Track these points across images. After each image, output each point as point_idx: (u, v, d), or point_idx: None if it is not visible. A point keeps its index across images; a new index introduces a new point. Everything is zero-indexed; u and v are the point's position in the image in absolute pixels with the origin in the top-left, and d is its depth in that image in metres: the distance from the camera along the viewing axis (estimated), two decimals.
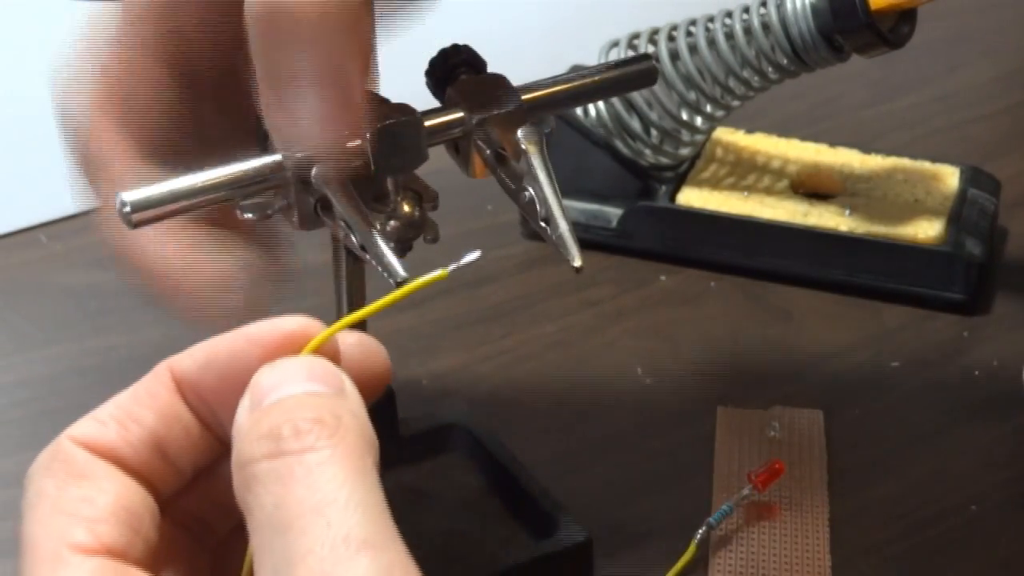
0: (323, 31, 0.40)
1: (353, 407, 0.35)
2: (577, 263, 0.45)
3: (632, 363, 0.68)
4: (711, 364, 0.68)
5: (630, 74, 0.52)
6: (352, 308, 0.54)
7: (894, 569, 0.57)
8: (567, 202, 0.48)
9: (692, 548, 0.56)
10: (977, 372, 0.67)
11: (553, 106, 0.50)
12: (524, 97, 0.48)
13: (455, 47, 0.49)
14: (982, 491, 0.61)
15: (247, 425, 0.34)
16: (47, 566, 0.33)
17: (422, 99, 0.48)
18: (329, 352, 0.36)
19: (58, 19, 0.90)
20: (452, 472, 0.59)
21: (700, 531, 0.56)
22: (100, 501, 0.34)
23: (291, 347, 0.36)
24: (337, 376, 0.35)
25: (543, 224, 0.46)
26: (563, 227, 0.46)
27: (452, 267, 0.37)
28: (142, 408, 0.36)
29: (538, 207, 0.46)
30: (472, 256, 0.38)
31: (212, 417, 0.37)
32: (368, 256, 0.43)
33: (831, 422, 0.63)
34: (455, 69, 0.49)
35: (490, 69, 0.50)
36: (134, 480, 0.36)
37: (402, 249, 0.47)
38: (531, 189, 0.47)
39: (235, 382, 0.36)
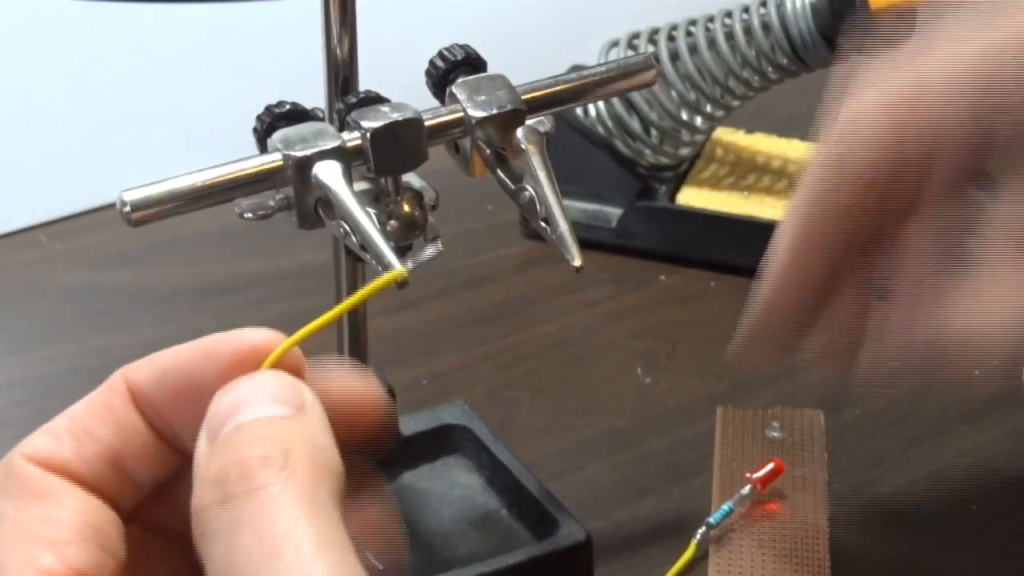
0: None
1: (309, 429, 0.32)
2: (577, 262, 0.45)
3: (632, 363, 0.68)
4: (711, 364, 0.68)
5: (630, 74, 0.52)
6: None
7: (894, 569, 0.57)
8: (567, 202, 0.48)
9: (692, 548, 0.56)
10: (977, 372, 0.67)
11: (553, 106, 0.50)
12: (524, 97, 0.48)
13: (455, 47, 0.49)
14: (982, 491, 0.60)
15: (203, 466, 0.32)
16: None
17: (422, 99, 0.48)
18: (291, 365, 0.34)
19: (58, 20, 0.90)
20: (452, 472, 0.59)
21: (700, 531, 0.56)
22: (63, 520, 0.33)
23: (251, 362, 0.34)
24: (296, 393, 0.33)
25: (543, 224, 0.46)
26: (563, 227, 0.46)
27: (411, 264, 0.37)
28: (97, 421, 0.34)
29: (538, 206, 0.46)
30: (431, 251, 0.38)
31: (169, 430, 0.35)
32: (368, 256, 0.43)
33: (831, 422, 0.63)
34: (455, 69, 0.49)
35: (490, 69, 0.50)
36: (94, 495, 0.34)
37: (402, 249, 0.47)
38: (531, 189, 0.47)
39: (192, 397, 0.34)
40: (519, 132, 0.48)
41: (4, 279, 0.73)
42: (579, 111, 0.74)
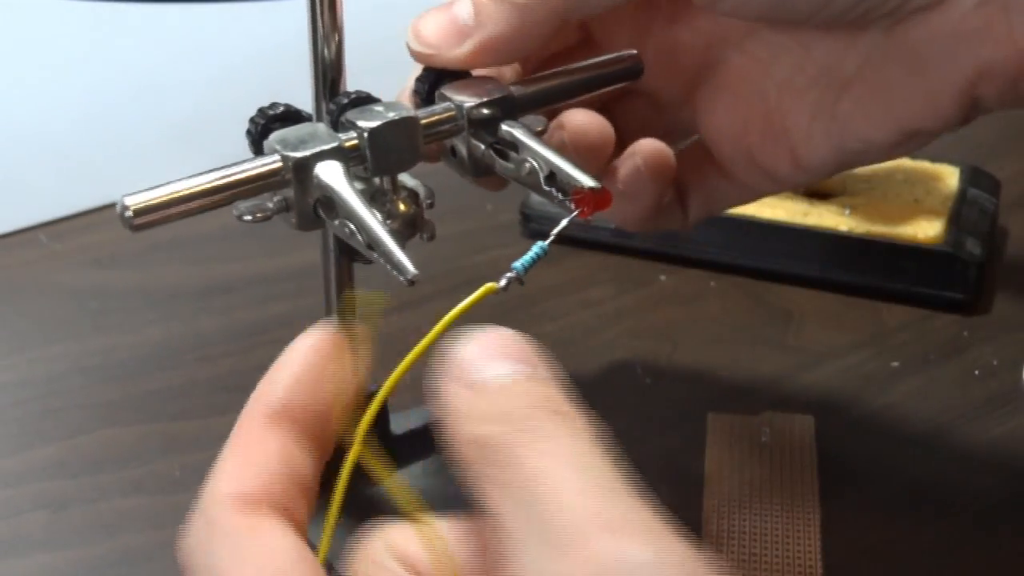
0: None
1: (558, 390, 0.36)
2: (592, 183, 0.45)
3: (632, 363, 0.68)
4: (711, 364, 0.68)
5: (616, 70, 0.52)
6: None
7: (893, 570, 0.57)
8: None
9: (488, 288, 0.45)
10: (977, 372, 0.67)
11: (541, 103, 0.50)
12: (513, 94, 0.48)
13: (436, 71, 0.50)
14: (982, 491, 0.60)
15: (468, 404, 0.35)
16: None
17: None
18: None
19: (58, 20, 0.90)
20: (446, 471, 0.58)
21: (506, 276, 0.47)
22: (278, 550, 0.35)
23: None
24: (531, 354, 0.37)
25: (547, 188, 0.46)
26: (581, 178, 0.45)
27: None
28: (261, 458, 0.37)
29: (539, 166, 0.46)
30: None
31: (322, 434, 0.38)
32: (376, 255, 0.43)
33: (832, 422, 0.63)
34: (440, 81, 0.49)
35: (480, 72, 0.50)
36: (288, 522, 0.36)
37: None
38: (531, 160, 0.46)
39: (322, 397, 0.38)
40: (512, 127, 0.48)
41: (4, 279, 0.74)
42: None
